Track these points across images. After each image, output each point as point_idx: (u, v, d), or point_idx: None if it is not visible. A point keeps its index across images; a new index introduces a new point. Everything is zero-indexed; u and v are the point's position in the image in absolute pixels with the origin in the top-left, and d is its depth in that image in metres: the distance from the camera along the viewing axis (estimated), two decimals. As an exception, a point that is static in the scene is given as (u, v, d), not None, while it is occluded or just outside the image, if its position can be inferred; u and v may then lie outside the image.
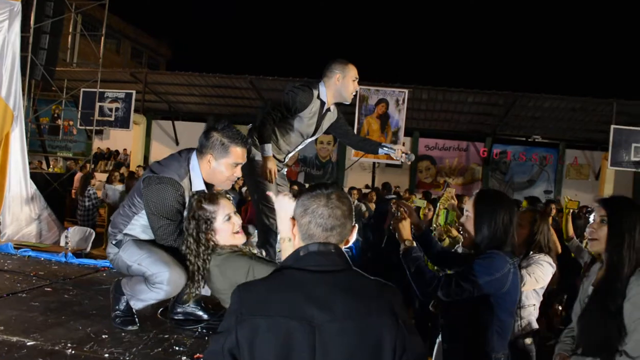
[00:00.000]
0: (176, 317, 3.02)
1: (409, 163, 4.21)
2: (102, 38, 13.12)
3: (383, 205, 9.14)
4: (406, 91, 15.83)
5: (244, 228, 2.84)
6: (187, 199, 2.86)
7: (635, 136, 14.68)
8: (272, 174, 3.66)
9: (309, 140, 4.11)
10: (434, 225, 5.29)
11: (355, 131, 15.51)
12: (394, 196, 9.90)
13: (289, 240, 1.81)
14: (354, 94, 3.98)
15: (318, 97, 3.88)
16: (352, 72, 3.90)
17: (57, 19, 11.11)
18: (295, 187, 10.52)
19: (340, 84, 3.87)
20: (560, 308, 5.67)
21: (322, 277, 1.55)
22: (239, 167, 2.98)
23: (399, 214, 2.79)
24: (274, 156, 3.86)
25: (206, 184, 2.96)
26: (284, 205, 2.14)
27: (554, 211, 8.59)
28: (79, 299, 3.39)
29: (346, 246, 1.69)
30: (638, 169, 15.17)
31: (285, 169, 4.22)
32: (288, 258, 1.66)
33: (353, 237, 1.69)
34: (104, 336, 2.71)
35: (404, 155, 4.08)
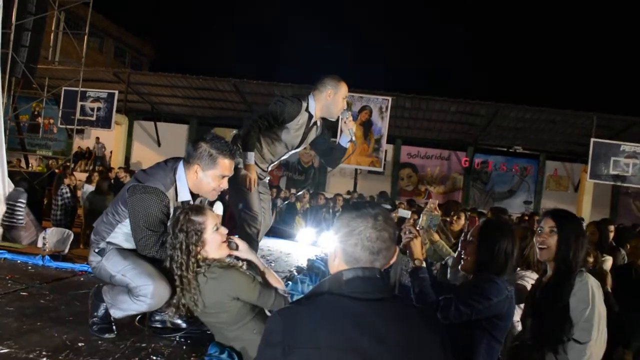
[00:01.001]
0: (154, 325, 2.98)
1: (350, 118, 4.07)
2: (85, 36, 13.03)
3: None
4: (389, 99, 15.91)
5: (229, 242, 2.79)
6: (172, 210, 2.82)
7: (614, 150, 14.93)
8: (251, 182, 3.61)
9: (293, 151, 4.08)
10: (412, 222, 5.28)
11: (338, 137, 15.62)
12: (389, 206, 9.88)
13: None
14: (340, 112, 3.95)
15: (307, 109, 3.86)
16: (343, 90, 3.88)
17: (40, 17, 10.99)
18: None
19: (331, 100, 3.84)
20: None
21: (371, 305, 1.47)
22: (226, 179, 2.94)
23: (410, 232, 2.81)
24: (256, 164, 3.84)
25: (192, 194, 2.93)
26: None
27: (536, 224, 8.66)
28: (55, 304, 3.32)
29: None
30: (616, 182, 15.40)
31: (268, 178, 4.18)
32: (329, 281, 1.56)
33: (394, 259, 1.61)
34: (80, 344, 2.65)
35: (347, 120, 3.99)
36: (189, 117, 21.78)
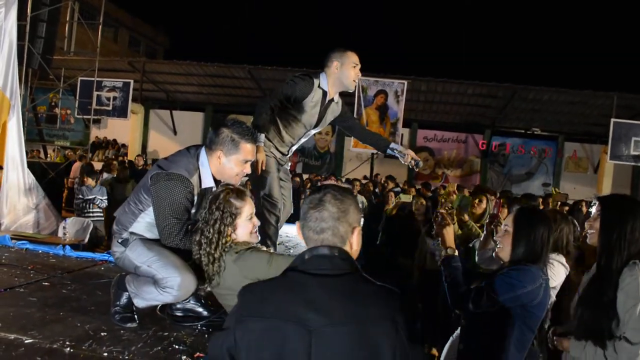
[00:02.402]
0: (176, 314, 2.98)
1: (417, 170, 4.14)
2: (100, 26, 13.04)
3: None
4: (405, 82, 15.79)
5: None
6: (196, 197, 2.82)
7: (635, 130, 14.68)
8: (261, 164, 3.54)
9: (313, 131, 4.02)
10: (446, 208, 5.27)
11: (354, 122, 15.57)
12: (399, 189, 9.86)
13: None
14: (355, 80, 3.85)
15: (319, 86, 3.78)
16: (351, 58, 3.78)
17: (54, 7, 11.01)
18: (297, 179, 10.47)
19: (340, 72, 3.77)
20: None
21: (323, 280, 1.52)
22: (249, 163, 2.95)
23: (442, 219, 2.78)
24: (277, 149, 3.82)
25: (215, 180, 2.92)
26: None
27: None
28: (77, 294, 3.35)
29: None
30: (637, 163, 15.16)
31: (289, 164, 4.14)
32: (295, 260, 1.63)
33: (355, 240, 1.64)
34: (102, 334, 2.67)
35: (412, 161, 3.99)
36: (205, 105, 21.79)
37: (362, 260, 4.26)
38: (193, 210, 2.84)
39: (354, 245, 1.64)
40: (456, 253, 2.62)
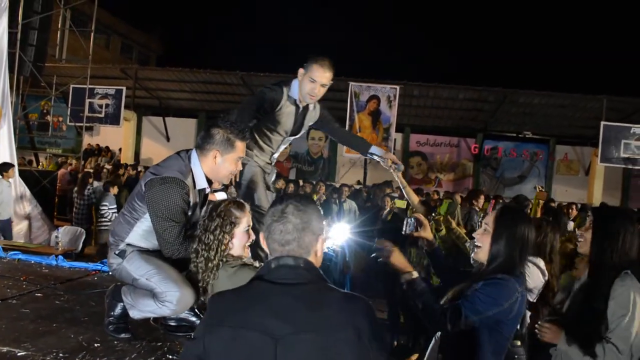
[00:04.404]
0: (169, 324, 2.99)
1: (399, 174, 4.11)
2: (92, 34, 13.01)
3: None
4: (397, 87, 15.84)
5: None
6: (191, 199, 2.83)
7: (624, 132, 14.79)
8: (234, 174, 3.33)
9: (294, 137, 3.97)
10: (434, 215, 5.27)
11: (347, 128, 15.59)
12: (396, 195, 9.83)
13: None
14: (311, 95, 3.62)
15: (289, 94, 3.68)
16: (313, 71, 3.55)
17: (46, 15, 11.01)
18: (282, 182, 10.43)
19: (301, 80, 3.61)
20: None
21: (287, 289, 1.56)
22: (240, 161, 2.98)
23: (382, 250, 2.56)
24: (258, 157, 3.79)
25: (208, 180, 2.94)
26: None
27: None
28: (70, 304, 3.35)
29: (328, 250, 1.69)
30: (627, 165, 15.27)
31: (274, 174, 4.07)
32: (262, 268, 1.69)
33: (319, 248, 1.68)
34: (96, 345, 2.68)
35: (393, 165, 3.95)
36: (198, 112, 21.76)
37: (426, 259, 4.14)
38: (190, 212, 2.85)
39: (318, 252, 1.69)
40: (415, 274, 2.45)
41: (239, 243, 2.70)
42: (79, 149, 17.06)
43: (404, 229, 2.95)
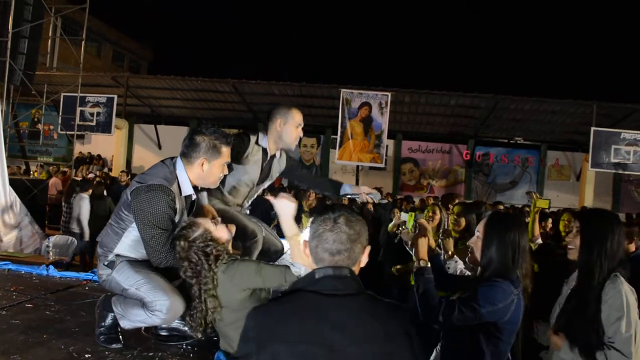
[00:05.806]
0: (161, 334, 2.98)
1: (376, 202, 4.13)
2: (83, 42, 12.98)
3: (380, 210, 9.08)
4: (389, 94, 15.88)
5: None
6: (177, 205, 2.82)
7: (615, 138, 14.90)
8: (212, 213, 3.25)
9: (261, 187, 3.86)
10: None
11: (338, 135, 15.62)
12: (386, 201, 9.82)
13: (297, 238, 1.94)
14: (297, 140, 3.69)
15: (257, 143, 3.63)
16: (295, 118, 3.63)
17: (36, 23, 10.97)
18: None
19: (282, 130, 3.61)
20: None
21: (339, 301, 1.56)
22: (226, 165, 3.00)
23: (419, 229, 2.78)
24: (227, 204, 3.66)
25: (194, 187, 2.94)
26: (283, 205, 2.50)
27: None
28: (60, 315, 3.33)
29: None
30: (618, 170, 15.37)
31: (249, 209, 3.99)
32: (302, 280, 1.68)
33: (364, 259, 1.71)
34: (87, 355, 2.66)
35: (368, 196, 3.90)
36: (189, 119, 21.73)
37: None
38: (177, 219, 2.84)
39: (362, 263, 1.71)
40: (429, 265, 2.58)
41: (222, 233, 2.71)
42: (70, 157, 17.00)
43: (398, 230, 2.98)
